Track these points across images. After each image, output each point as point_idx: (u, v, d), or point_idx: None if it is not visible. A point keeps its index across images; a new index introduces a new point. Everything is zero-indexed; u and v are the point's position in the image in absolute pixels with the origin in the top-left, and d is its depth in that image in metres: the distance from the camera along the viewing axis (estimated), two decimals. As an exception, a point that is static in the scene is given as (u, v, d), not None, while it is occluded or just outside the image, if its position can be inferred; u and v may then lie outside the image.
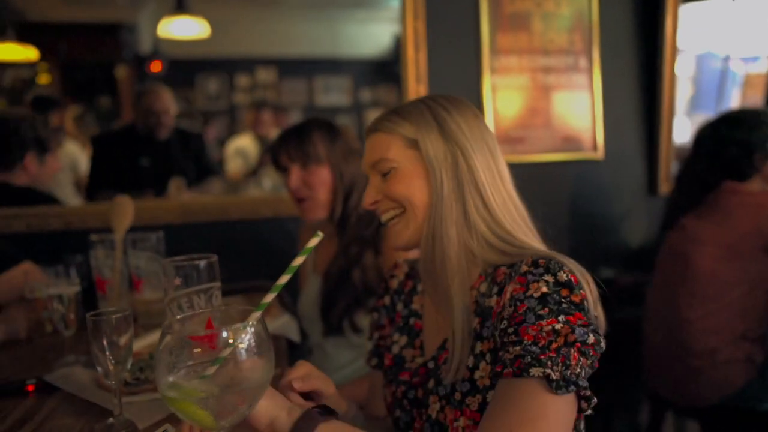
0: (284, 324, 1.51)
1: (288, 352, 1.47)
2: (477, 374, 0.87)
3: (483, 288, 0.92)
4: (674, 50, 2.40)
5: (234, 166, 4.30)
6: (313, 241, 0.72)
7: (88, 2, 5.76)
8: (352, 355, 1.57)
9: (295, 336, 1.48)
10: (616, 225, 2.46)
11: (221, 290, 1.05)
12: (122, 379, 0.97)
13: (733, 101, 4.06)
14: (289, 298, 1.90)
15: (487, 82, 2.27)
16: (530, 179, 2.28)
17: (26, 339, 1.48)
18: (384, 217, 0.99)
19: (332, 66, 6.56)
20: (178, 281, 0.98)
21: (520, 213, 0.97)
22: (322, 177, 1.56)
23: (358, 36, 6.39)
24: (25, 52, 5.04)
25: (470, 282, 0.94)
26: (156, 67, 6.04)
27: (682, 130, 4.07)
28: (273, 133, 4.48)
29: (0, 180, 2.06)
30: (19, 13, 5.23)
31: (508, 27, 2.28)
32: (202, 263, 0.97)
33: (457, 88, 2.22)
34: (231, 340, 0.67)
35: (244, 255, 2.08)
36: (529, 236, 0.94)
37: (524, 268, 0.83)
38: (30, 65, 5.47)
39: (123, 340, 0.98)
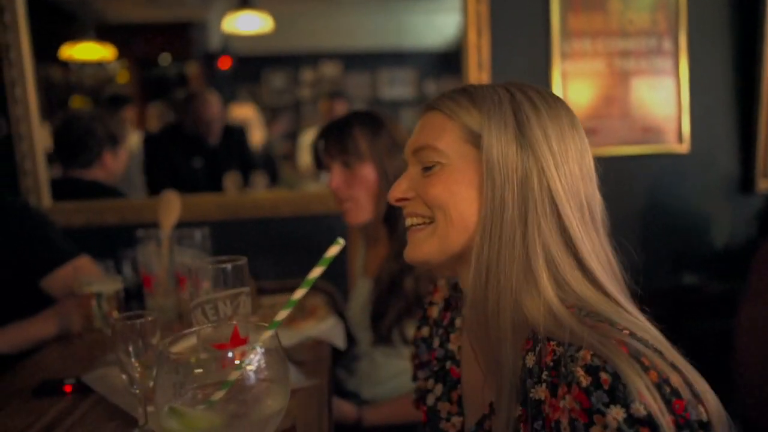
0: (329, 328, 1.42)
1: (332, 359, 1.39)
2: None
3: (530, 360, 0.68)
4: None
5: (307, 159, 4.29)
6: (333, 251, 0.61)
7: (162, 2, 5.98)
8: (403, 366, 1.46)
9: (340, 342, 1.39)
10: (703, 226, 2.19)
11: (267, 289, 0.99)
12: (148, 387, 0.92)
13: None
14: (341, 299, 1.82)
15: (557, 68, 2.08)
16: (605, 175, 2.08)
17: (78, 334, 1.48)
18: (408, 221, 0.79)
19: (396, 58, 6.46)
20: (206, 284, 0.91)
21: (615, 273, 0.73)
22: (366, 175, 1.44)
23: (422, 27, 6.24)
24: (103, 52, 5.30)
25: (521, 347, 0.70)
26: (225, 63, 6.19)
27: None
28: None
29: (73, 176, 2.14)
30: (98, 13, 5.51)
31: (581, 7, 2.07)
32: (230, 266, 0.89)
33: (524, 76, 2.05)
34: (237, 362, 0.58)
35: (293, 252, 2.02)
36: (623, 297, 0.71)
37: (582, 377, 0.59)
38: (108, 64, 5.76)
39: (150, 345, 0.92)
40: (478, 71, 1.98)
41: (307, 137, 4.29)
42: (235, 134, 3.09)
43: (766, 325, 1.65)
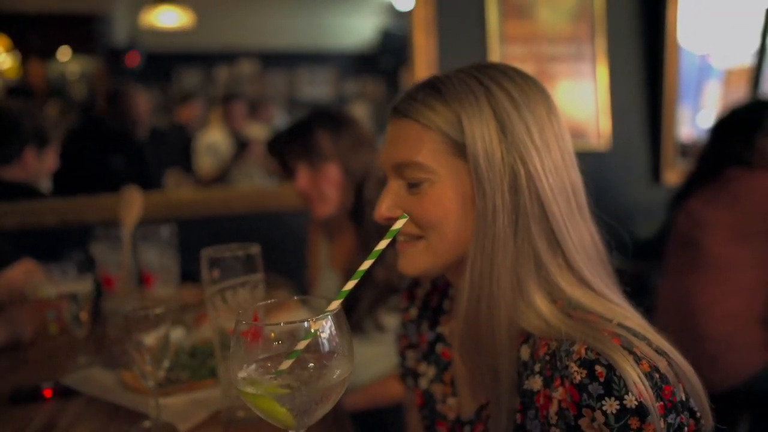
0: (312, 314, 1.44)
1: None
2: None
3: (524, 353, 0.70)
4: (676, 38, 2.42)
5: (206, 163, 3.86)
6: (399, 223, 0.66)
7: (61, -8, 5.54)
8: (377, 352, 1.52)
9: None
10: (623, 215, 2.46)
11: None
12: (159, 379, 0.90)
13: (712, 96, 4.16)
14: (296, 290, 1.84)
15: (495, 69, 2.24)
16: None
17: (30, 341, 1.38)
18: (400, 237, 0.76)
19: (315, 58, 6.47)
20: (216, 273, 0.91)
21: (599, 253, 0.73)
22: (331, 174, 1.48)
23: (340, 28, 6.31)
24: (-6, 43, 4.82)
25: (515, 343, 0.71)
26: (132, 60, 5.85)
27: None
28: (249, 127, 4.24)
29: None
30: (-13, 2, 4.99)
31: (515, 14, 2.25)
32: (242, 253, 0.90)
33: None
34: (312, 330, 0.61)
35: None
36: (609, 287, 0.72)
37: (576, 372, 0.60)
38: None
39: (159, 337, 0.91)
40: (426, 72, 2.09)
41: (209, 138, 4.08)
42: (181, 132, 2.98)
43: (682, 299, 1.90)
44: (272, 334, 0.63)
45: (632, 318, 0.68)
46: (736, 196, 1.84)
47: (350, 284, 0.66)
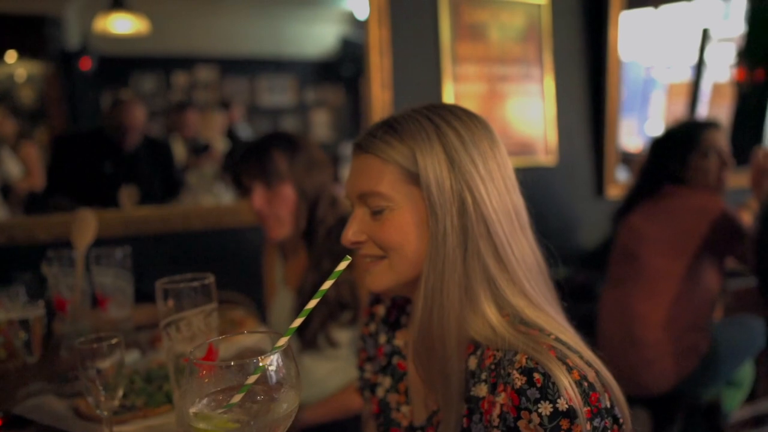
0: (261, 338, 1.47)
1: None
2: None
3: (472, 363, 0.78)
4: (618, 57, 2.56)
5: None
6: (342, 265, 0.71)
7: (8, -7, 5.34)
8: (331, 367, 1.56)
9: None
10: (569, 227, 2.59)
11: None
12: (113, 408, 0.92)
13: (658, 107, 4.38)
14: (256, 308, 1.87)
15: (448, 89, 2.32)
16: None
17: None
18: (362, 254, 0.84)
19: (276, 66, 6.43)
20: (171, 303, 0.94)
21: (540, 267, 0.82)
22: (285, 195, 1.52)
23: (301, 36, 6.31)
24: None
25: (463, 352, 0.79)
26: (85, 64, 5.69)
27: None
28: (207, 135, 4.20)
29: None
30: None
31: (467, 36, 2.34)
32: (197, 284, 0.93)
33: (421, 96, 2.26)
34: (261, 365, 0.65)
35: (207, 266, 2.00)
36: (546, 298, 0.81)
37: (517, 378, 0.69)
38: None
39: (113, 365, 0.93)
40: (381, 90, 2.14)
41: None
42: (160, 150, 2.96)
43: (623, 308, 2.02)
44: (223, 369, 0.66)
45: (567, 331, 0.78)
46: (672, 212, 1.97)
47: (297, 322, 0.71)
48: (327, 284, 0.71)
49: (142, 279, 1.56)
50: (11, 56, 5.85)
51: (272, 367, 0.66)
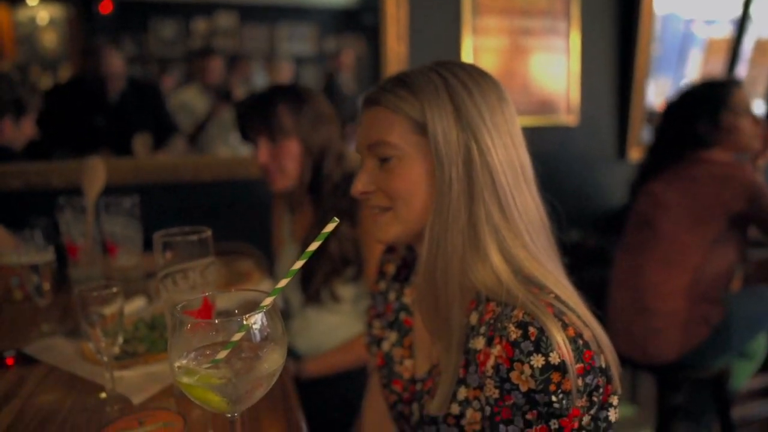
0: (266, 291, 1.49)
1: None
2: (464, 421, 0.80)
3: (473, 319, 0.80)
4: (651, 10, 2.41)
5: (178, 123, 3.88)
6: (329, 227, 0.70)
7: (28, -68, 5.26)
8: (335, 321, 1.58)
9: (277, 303, 1.47)
10: (586, 189, 2.53)
11: None
12: (113, 354, 0.95)
13: (695, 65, 4.15)
14: (266, 261, 1.88)
15: (467, 42, 2.23)
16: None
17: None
18: (370, 205, 0.87)
19: (296, 13, 6.28)
20: (169, 255, 0.95)
21: (543, 223, 0.83)
22: (291, 150, 1.49)
23: (323, -18, 6.11)
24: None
25: (466, 307, 0.82)
26: (105, 7, 5.62)
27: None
28: (232, 83, 4.13)
29: None
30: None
31: (490, -15, 2.23)
32: (195, 238, 0.93)
33: (438, 49, 2.18)
34: (245, 323, 0.66)
35: (217, 217, 2.03)
36: (548, 253, 0.82)
37: (512, 332, 0.71)
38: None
39: (113, 313, 0.95)
40: (396, 42, 2.07)
41: (183, 95, 3.94)
42: (148, 93, 2.91)
43: (635, 276, 1.98)
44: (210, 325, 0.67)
45: (566, 289, 0.79)
46: (694, 179, 1.89)
47: (283, 282, 0.71)
48: (314, 245, 0.70)
49: (152, 228, 1.59)
50: (33, -2, 5.81)
51: (256, 326, 0.66)
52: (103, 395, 0.96)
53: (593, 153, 2.53)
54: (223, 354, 0.67)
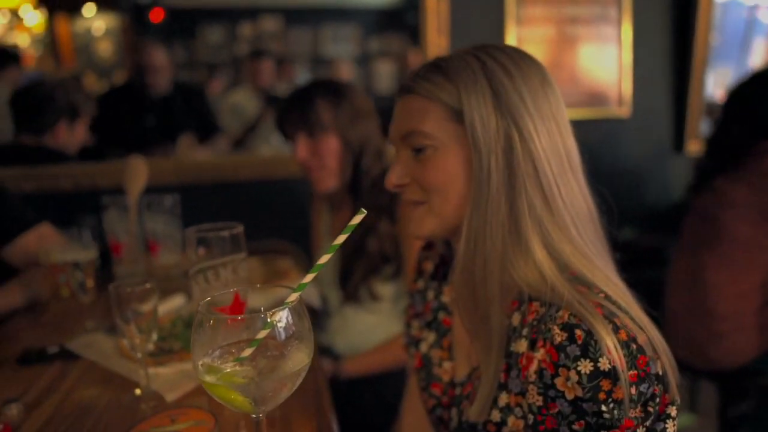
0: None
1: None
2: (506, 429, 0.75)
3: (515, 320, 0.74)
4: (710, -1, 2.27)
5: (228, 125, 3.73)
6: (357, 219, 0.66)
7: (83, -54, 5.50)
8: (374, 320, 1.55)
9: (315, 301, 1.46)
10: (640, 184, 2.39)
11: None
12: (148, 351, 0.95)
13: (760, 53, 3.90)
14: (306, 260, 1.87)
15: (511, 33, 2.15)
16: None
17: (45, 304, 1.45)
18: (404, 198, 0.82)
19: (340, 14, 6.32)
20: (202, 251, 0.94)
21: (592, 215, 0.78)
22: (330, 145, 1.47)
23: (366, -18, 6.12)
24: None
25: (507, 307, 0.76)
26: (156, 16, 5.83)
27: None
28: (278, 86, 4.17)
29: (20, 141, 2.05)
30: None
31: (535, -27, 2.15)
32: (227, 233, 0.92)
33: (481, 40, 2.11)
34: (269, 320, 0.63)
35: (257, 215, 2.03)
36: (596, 248, 0.76)
37: (557, 334, 0.65)
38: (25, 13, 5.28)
39: (147, 310, 0.94)
40: (437, 35, 2.02)
41: (235, 97, 4.01)
42: (193, 95, 2.99)
43: (694, 278, 1.85)
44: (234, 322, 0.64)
45: (616, 287, 0.73)
46: (762, 174, 1.75)
47: (309, 277, 0.67)
48: (340, 238, 0.67)
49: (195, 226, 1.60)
50: (90, 9, 6.08)
51: (281, 324, 0.63)
52: (138, 392, 0.96)
53: (648, 146, 2.39)
54: (247, 352, 0.64)
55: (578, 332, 0.64)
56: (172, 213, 1.50)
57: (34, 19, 5.64)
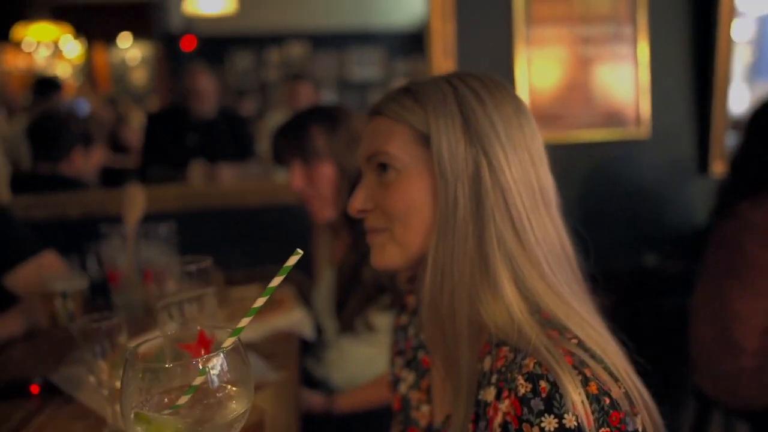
0: (298, 320, 1.44)
1: (302, 349, 1.41)
2: None
3: (486, 364, 0.69)
4: (731, 12, 2.16)
5: (266, 146, 4.06)
6: (292, 260, 0.62)
7: (118, -19, 5.76)
8: (371, 353, 1.50)
9: (308, 333, 1.42)
10: (662, 208, 2.28)
11: (236, 280, 0.99)
12: (115, 387, 0.92)
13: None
14: (310, 288, 1.84)
15: (521, 54, 2.10)
16: (567, 159, 2.11)
17: (44, 332, 1.46)
18: (367, 225, 0.78)
19: (365, 39, 6.41)
20: (171, 283, 0.92)
21: (566, 253, 0.73)
22: (326, 173, 1.44)
23: (390, 7, 6.20)
24: (59, 32, 5.10)
25: (480, 350, 0.71)
26: (188, 44, 6.03)
27: (740, 99, 3.77)
28: None
29: (36, 170, 2.12)
30: (52, -7, 5.28)
31: (544, -8, 2.10)
32: (194, 268, 0.89)
33: (489, 63, 2.06)
34: (201, 367, 0.59)
35: (262, 242, 2.02)
36: (571, 287, 0.72)
37: (521, 385, 0.61)
38: (65, 45, 5.54)
39: (116, 345, 0.92)
40: (443, 58, 1.99)
41: (273, 120, 4.12)
42: (237, 122, 3.09)
43: (718, 308, 1.74)
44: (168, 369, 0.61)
45: (593, 331, 0.68)
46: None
47: (245, 321, 0.63)
48: (276, 281, 0.63)
49: (196, 254, 1.60)
50: (126, 39, 6.34)
51: (214, 371, 0.59)
52: (106, 430, 0.94)
53: (669, 168, 2.28)
54: (184, 399, 0.60)
55: (543, 384, 0.59)
56: (167, 242, 1.50)
57: (75, 50, 5.92)
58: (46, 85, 3.47)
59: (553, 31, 2.14)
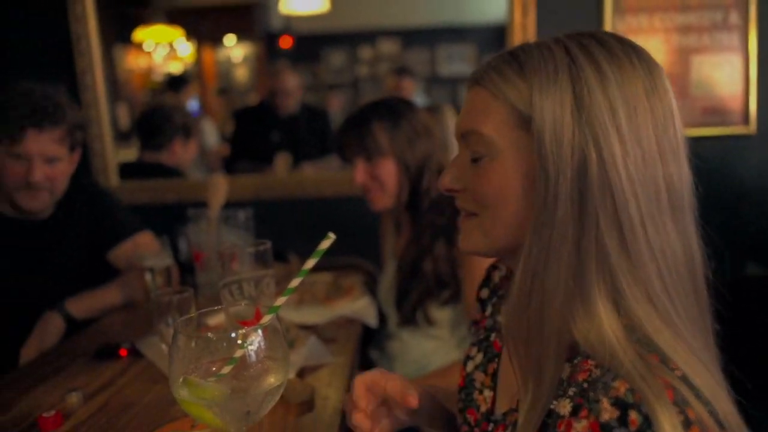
0: (363, 307, 1.48)
1: (363, 337, 1.45)
2: None
3: (565, 372, 0.61)
4: None
5: None
6: (325, 244, 0.65)
7: (225, -15, 6.16)
8: (431, 346, 1.50)
9: (371, 320, 1.45)
10: (769, 213, 2.06)
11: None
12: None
13: None
14: (374, 279, 1.88)
15: (608, 46, 1.99)
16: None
17: (140, 303, 1.61)
18: (458, 206, 0.71)
19: (455, 34, 6.35)
20: (235, 264, 0.99)
21: (691, 269, 0.61)
22: (388, 169, 1.46)
23: (480, 1, 6.08)
24: (174, 34, 5.58)
25: (564, 358, 0.62)
26: (286, 42, 6.33)
27: None
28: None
29: (142, 159, 2.36)
30: (168, -2, 5.76)
31: (637, -20, 1.97)
32: (254, 250, 0.95)
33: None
34: (239, 341, 0.64)
35: (344, 230, 2.08)
36: (688, 314, 0.60)
37: (605, 409, 0.51)
38: (179, 46, 6.04)
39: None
40: (523, 52, 1.94)
41: None
42: (318, 117, 3.23)
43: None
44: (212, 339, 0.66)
45: (704, 370, 0.57)
46: None
47: (281, 300, 0.67)
48: (309, 263, 0.66)
49: (276, 240, 1.69)
50: (231, 39, 6.77)
51: (252, 347, 0.64)
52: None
53: (778, 169, 2.06)
54: (227, 369, 0.66)
55: (633, 415, 0.50)
56: (245, 227, 1.60)
57: (187, 50, 6.43)
58: (178, 81, 4.12)
59: (647, 21, 2.00)
